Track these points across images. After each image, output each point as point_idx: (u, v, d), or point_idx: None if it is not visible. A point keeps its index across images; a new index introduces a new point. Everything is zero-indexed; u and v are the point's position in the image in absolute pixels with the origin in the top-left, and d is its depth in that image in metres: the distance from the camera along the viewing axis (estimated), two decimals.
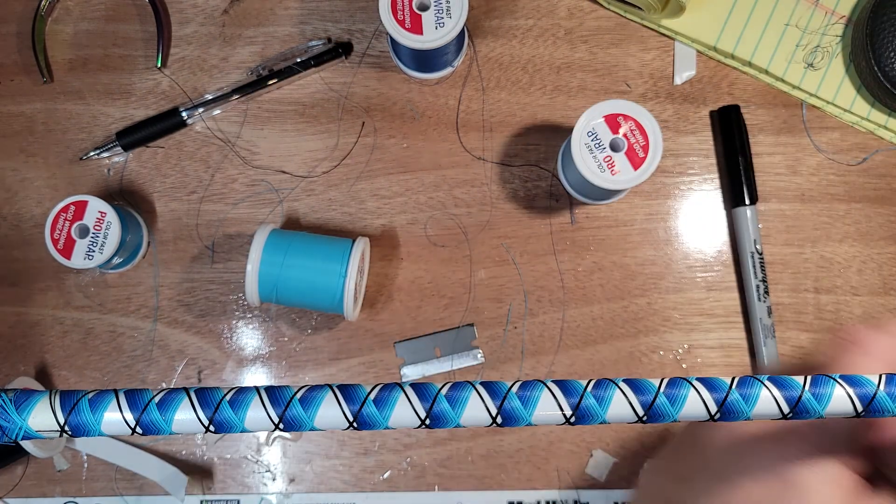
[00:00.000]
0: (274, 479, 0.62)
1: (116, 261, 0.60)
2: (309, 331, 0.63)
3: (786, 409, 0.27)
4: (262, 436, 0.62)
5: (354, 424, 0.28)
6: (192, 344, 0.63)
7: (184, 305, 0.63)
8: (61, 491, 0.62)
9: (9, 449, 0.60)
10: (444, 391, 0.28)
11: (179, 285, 0.63)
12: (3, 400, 0.27)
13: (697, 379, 0.27)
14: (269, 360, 0.63)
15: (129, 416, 0.28)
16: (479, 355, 0.62)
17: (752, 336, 0.61)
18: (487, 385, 0.28)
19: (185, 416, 0.28)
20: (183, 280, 0.63)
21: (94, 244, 0.58)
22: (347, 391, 0.29)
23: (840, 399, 0.26)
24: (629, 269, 0.62)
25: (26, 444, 0.57)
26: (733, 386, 0.27)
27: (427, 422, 0.28)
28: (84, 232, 0.58)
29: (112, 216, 0.58)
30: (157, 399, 0.29)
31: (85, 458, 0.62)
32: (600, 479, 0.61)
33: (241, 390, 0.29)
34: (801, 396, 0.26)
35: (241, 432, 0.29)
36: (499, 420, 0.28)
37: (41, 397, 0.28)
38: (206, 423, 0.28)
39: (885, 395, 0.26)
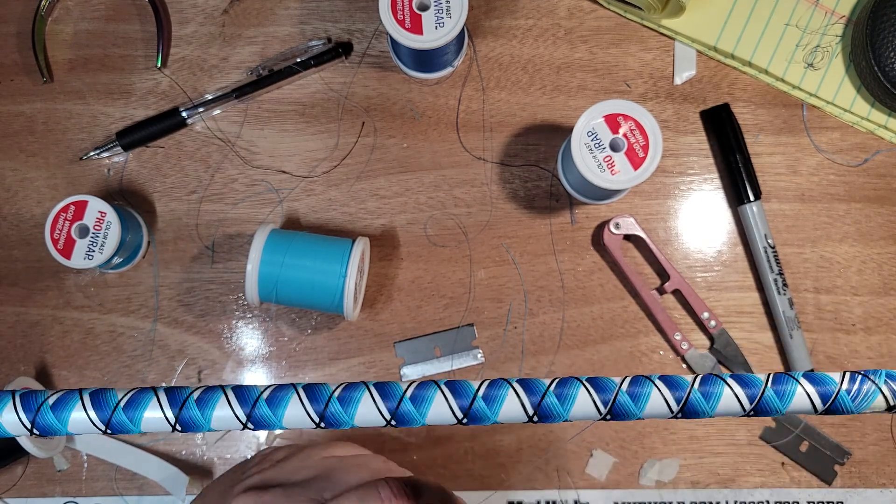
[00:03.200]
0: None
1: (116, 261, 0.60)
2: (309, 331, 0.63)
3: (820, 406, 0.29)
4: (262, 436, 0.62)
5: (321, 424, 0.29)
6: (192, 344, 0.63)
7: (184, 305, 0.63)
8: (61, 491, 0.62)
9: (9, 449, 0.60)
10: (408, 392, 0.29)
11: (179, 285, 0.63)
12: None
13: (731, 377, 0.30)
14: (269, 360, 0.63)
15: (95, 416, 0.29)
16: (479, 355, 0.62)
17: (777, 331, 0.61)
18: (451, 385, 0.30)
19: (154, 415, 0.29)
20: (183, 280, 0.63)
21: (94, 244, 0.58)
22: (313, 391, 0.29)
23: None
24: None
25: (26, 444, 0.57)
26: (767, 383, 0.29)
27: (392, 422, 0.29)
28: (84, 232, 0.58)
29: (112, 216, 0.58)
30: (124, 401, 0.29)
31: (85, 458, 0.62)
32: (600, 479, 0.61)
33: (209, 389, 0.30)
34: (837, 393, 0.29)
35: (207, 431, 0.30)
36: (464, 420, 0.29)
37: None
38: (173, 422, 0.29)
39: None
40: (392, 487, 0.39)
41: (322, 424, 0.29)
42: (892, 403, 0.29)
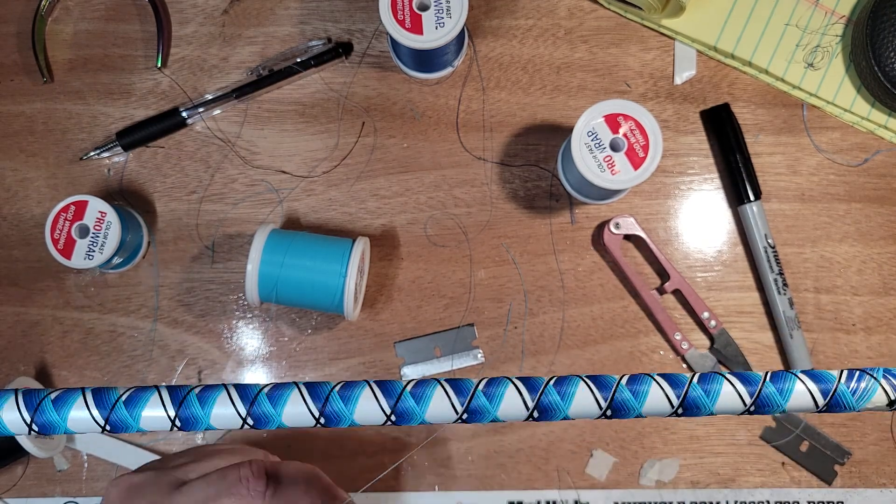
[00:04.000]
0: None
1: (116, 261, 0.60)
2: (309, 331, 0.63)
3: (821, 402, 0.30)
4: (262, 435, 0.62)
5: (321, 421, 0.29)
6: (192, 344, 0.63)
7: (184, 305, 0.63)
8: (61, 491, 0.62)
9: (9, 449, 0.60)
10: (408, 388, 0.29)
11: (179, 285, 0.63)
12: None
13: (732, 373, 0.30)
14: (269, 360, 0.63)
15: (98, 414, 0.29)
16: (479, 355, 0.62)
17: (777, 331, 0.61)
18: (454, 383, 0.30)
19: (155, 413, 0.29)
20: (183, 280, 0.63)
21: (94, 244, 0.58)
22: (314, 389, 0.30)
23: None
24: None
25: (26, 444, 0.57)
26: (766, 379, 0.29)
27: (393, 418, 0.29)
28: (84, 232, 0.58)
29: (112, 216, 0.58)
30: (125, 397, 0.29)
31: (85, 458, 0.62)
32: (600, 479, 0.61)
33: (209, 387, 0.30)
34: (835, 389, 0.30)
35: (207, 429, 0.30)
36: (464, 416, 0.29)
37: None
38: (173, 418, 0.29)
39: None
40: (252, 469, 0.42)
41: (322, 421, 0.29)
42: (892, 398, 0.29)
